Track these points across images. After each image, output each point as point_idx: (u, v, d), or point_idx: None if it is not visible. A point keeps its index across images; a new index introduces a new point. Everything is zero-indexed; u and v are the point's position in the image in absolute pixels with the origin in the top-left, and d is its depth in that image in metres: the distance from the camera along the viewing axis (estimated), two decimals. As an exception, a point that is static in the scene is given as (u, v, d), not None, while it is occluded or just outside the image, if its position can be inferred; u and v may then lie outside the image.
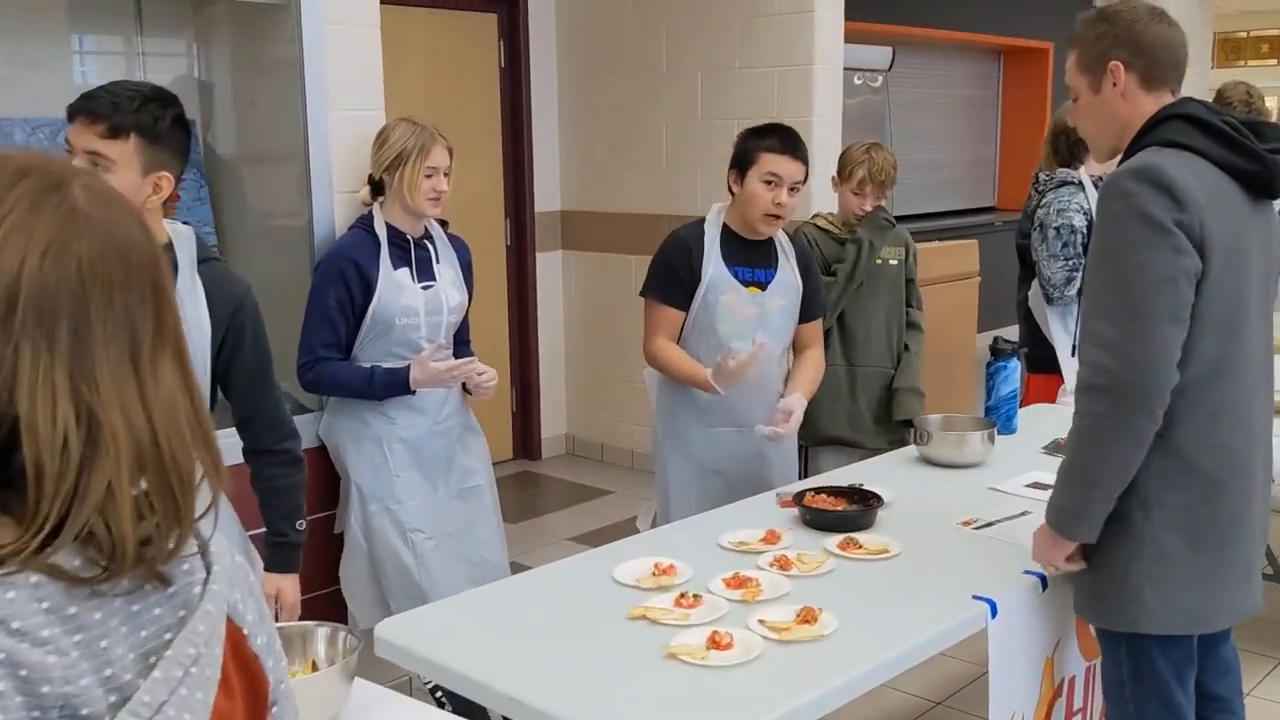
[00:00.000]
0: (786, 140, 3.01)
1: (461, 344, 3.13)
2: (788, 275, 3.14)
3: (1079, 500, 2.06)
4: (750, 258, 3.09)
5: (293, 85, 2.94)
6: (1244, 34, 13.18)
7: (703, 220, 3.12)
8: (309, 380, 2.85)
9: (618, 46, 5.64)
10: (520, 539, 4.92)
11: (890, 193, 3.68)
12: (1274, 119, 13.23)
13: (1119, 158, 2.11)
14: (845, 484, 2.73)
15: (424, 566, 2.91)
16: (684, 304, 3.05)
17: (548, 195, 5.94)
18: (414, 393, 2.86)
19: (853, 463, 3.41)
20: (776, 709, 1.75)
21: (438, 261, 2.96)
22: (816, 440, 3.65)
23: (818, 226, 3.64)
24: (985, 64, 7.86)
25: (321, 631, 1.76)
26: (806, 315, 3.21)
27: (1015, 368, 3.25)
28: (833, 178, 3.65)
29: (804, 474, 3.71)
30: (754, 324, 3.05)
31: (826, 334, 3.57)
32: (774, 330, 3.10)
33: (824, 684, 1.82)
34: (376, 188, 2.92)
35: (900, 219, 6.74)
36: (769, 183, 2.97)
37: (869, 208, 3.57)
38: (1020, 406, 4.00)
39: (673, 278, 3.04)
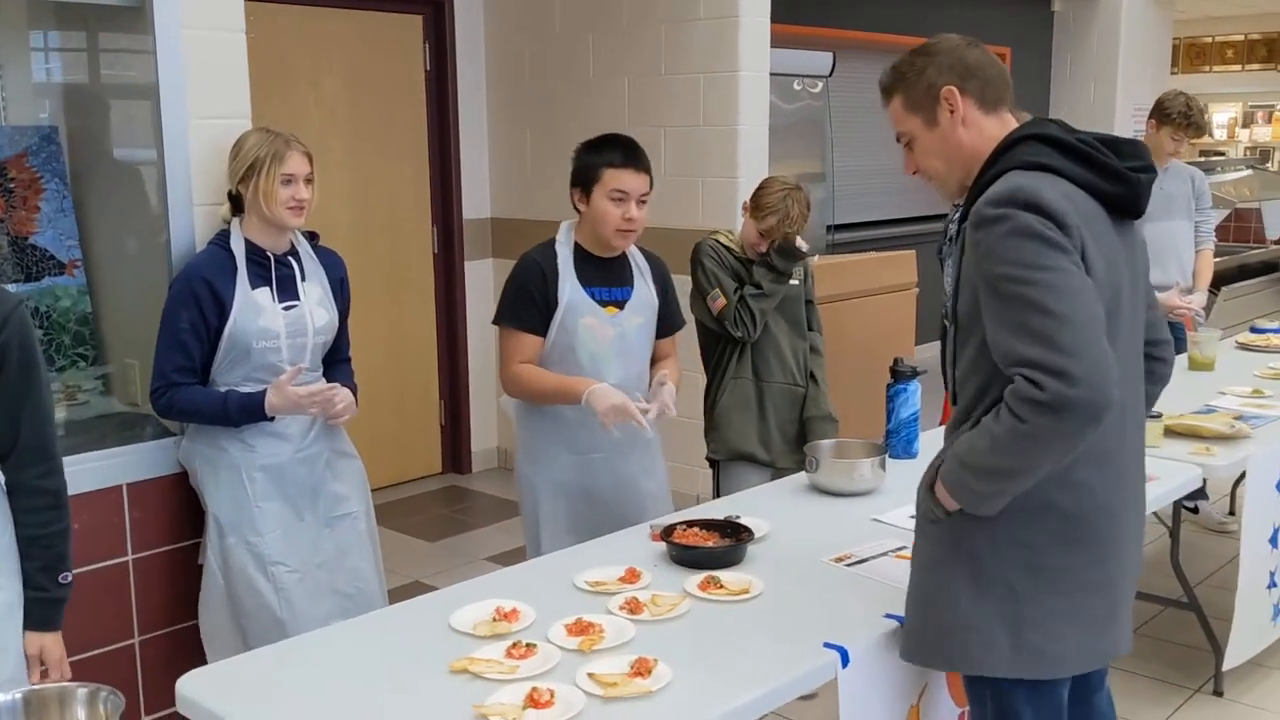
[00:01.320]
0: (628, 154, 2.88)
1: (341, 362, 2.99)
2: (644, 291, 3.02)
3: (996, 491, 1.86)
4: (606, 277, 2.96)
5: (150, 93, 2.80)
6: (1209, 39, 13.13)
7: (553, 240, 2.98)
8: (161, 406, 2.71)
9: (546, 50, 5.51)
10: (436, 559, 4.79)
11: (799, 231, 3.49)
12: (1220, 124, 13.17)
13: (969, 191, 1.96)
14: (720, 516, 2.60)
15: (286, 602, 2.77)
16: (541, 330, 2.91)
17: (476, 202, 5.80)
18: (272, 419, 2.72)
19: (764, 483, 3.30)
20: (581, 777, 1.62)
21: (303, 279, 2.82)
22: (728, 455, 3.53)
23: (719, 241, 3.50)
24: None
25: (81, 693, 1.63)
26: (665, 331, 3.12)
27: (915, 390, 3.13)
28: (745, 203, 3.49)
29: (717, 492, 3.60)
30: (614, 344, 2.93)
31: (739, 350, 3.46)
32: (633, 350, 2.98)
33: (638, 748, 1.69)
34: (237, 203, 2.78)
35: (841, 228, 6.67)
36: (616, 199, 2.85)
37: (764, 250, 3.43)
38: (942, 423, 3.89)
39: (529, 303, 2.91)
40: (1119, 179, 1.89)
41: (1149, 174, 1.93)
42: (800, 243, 3.37)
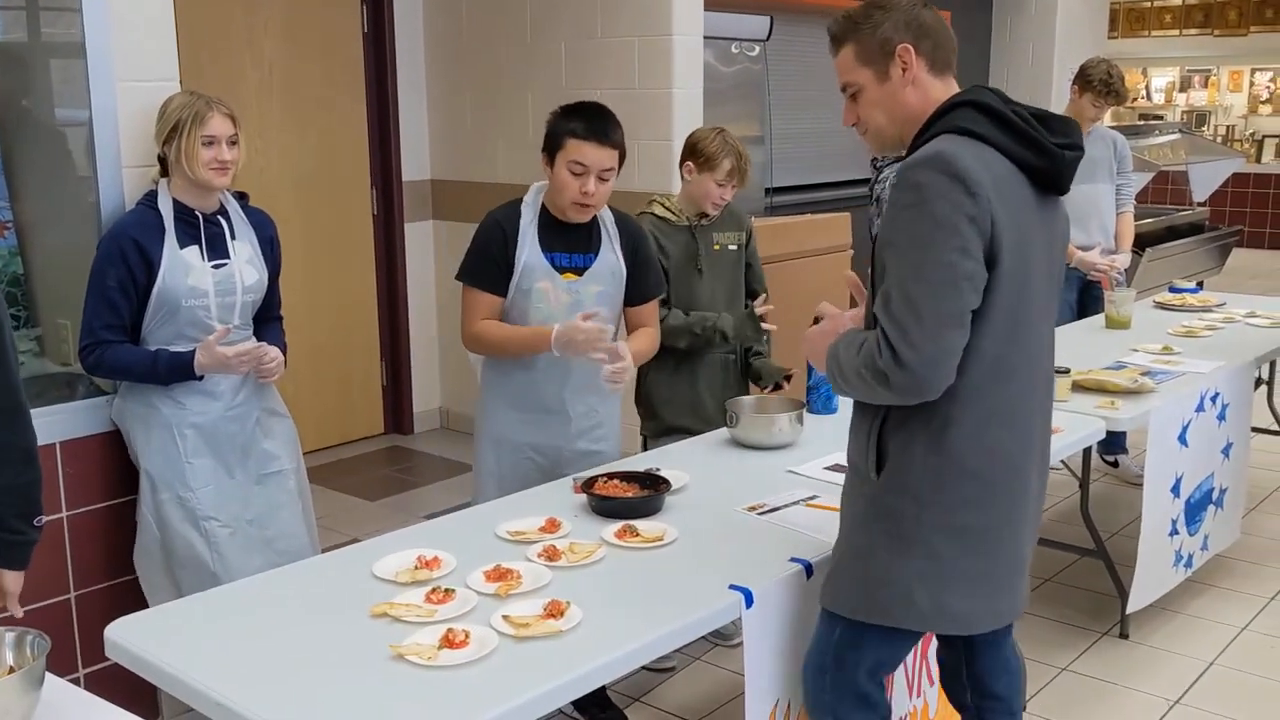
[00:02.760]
0: (594, 125, 2.83)
1: (272, 320, 3.05)
2: (610, 258, 3.00)
3: (841, 388, 2.05)
4: (569, 242, 2.96)
5: (78, 53, 2.82)
6: (1148, 3, 13.32)
7: (519, 200, 2.98)
8: (90, 363, 2.75)
9: (483, 13, 5.53)
10: (376, 518, 4.86)
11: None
12: (1159, 88, 13.32)
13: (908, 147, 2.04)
14: (641, 469, 2.69)
15: (218, 555, 2.84)
16: (501, 290, 2.93)
17: (416, 164, 5.83)
18: (201, 378, 2.77)
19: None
20: (490, 709, 1.71)
21: (233, 239, 2.86)
22: (659, 431, 3.48)
23: (655, 215, 3.45)
24: (881, 32, 7.83)
25: (9, 636, 1.68)
26: (637, 299, 3.09)
27: None
28: (685, 164, 3.43)
29: None
30: (568, 311, 2.92)
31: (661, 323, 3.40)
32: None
33: (545, 683, 1.79)
34: (165, 164, 2.81)
35: (779, 190, 6.75)
36: (576, 172, 2.83)
37: (728, 198, 3.39)
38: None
39: (488, 263, 2.93)
40: (1045, 154, 1.96)
41: (1075, 152, 2.01)
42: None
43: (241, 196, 2.95)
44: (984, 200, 1.87)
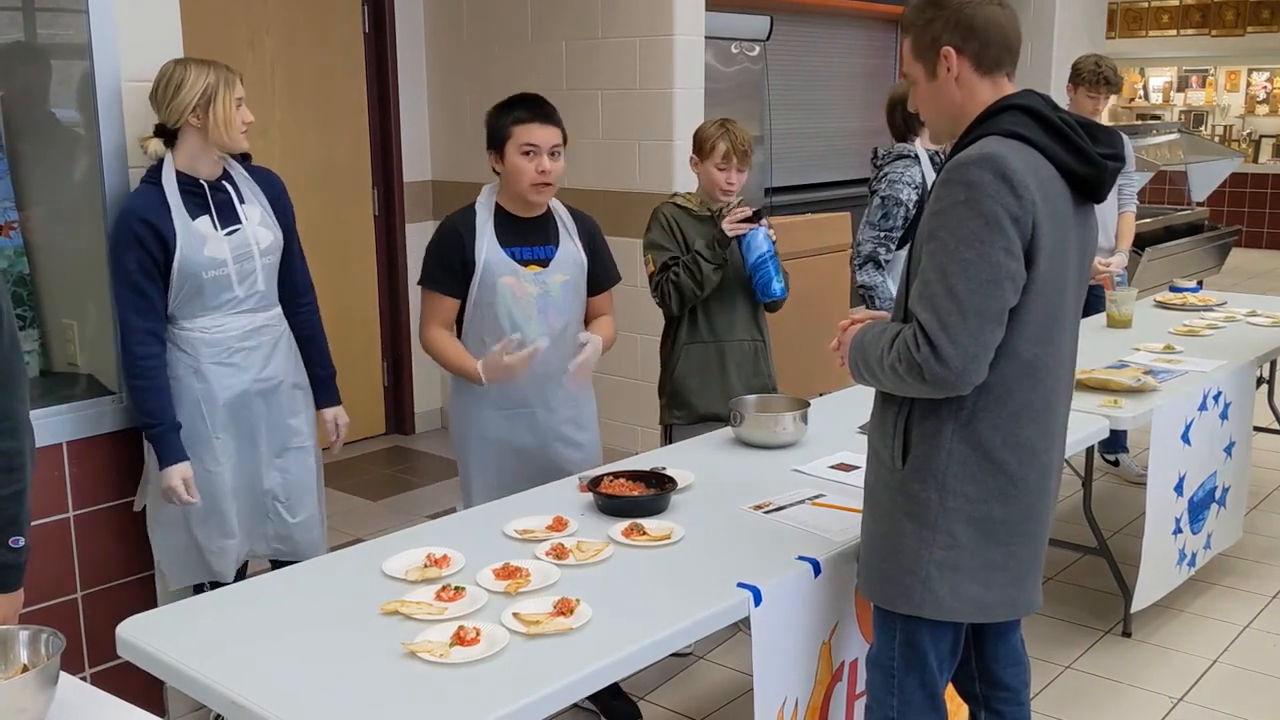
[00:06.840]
0: (533, 108, 2.98)
1: (303, 290, 3.04)
2: (570, 249, 3.09)
3: (866, 379, 2.11)
4: (527, 236, 3.04)
5: (84, 53, 2.83)
6: (1145, 4, 13.34)
7: (474, 204, 3.06)
8: (136, 371, 2.73)
9: (484, 13, 5.54)
10: (379, 517, 4.87)
11: (751, 165, 3.52)
12: (1156, 88, 13.28)
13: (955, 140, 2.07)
14: (647, 468, 2.70)
15: (240, 519, 2.88)
16: (459, 292, 3.01)
17: (417, 165, 5.83)
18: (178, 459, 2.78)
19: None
20: (504, 706, 1.72)
21: (241, 202, 2.83)
22: (693, 419, 3.49)
23: (676, 205, 3.51)
24: (880, 33, 7.83)
25: (23, 635, 1.68)
26: (597, 287, 3.18)
27: (760, 231, 3.33)
28: (691, 157, 3.52)
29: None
30: (537, 302, 3.01)
31: (692, 314, 3.46)
32: (556, 306, 3.05)
33: (558, 680, 1.79)
34: (169, 138, 2.76)
35: (778, 190, 6.75)
36: (527, 153, 2.94)
37: (734, 181, 3.42)
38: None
39: (446, 265, 3.00)
40: (1089, 162, 2.00)
41: (1117, 163, 2.04)
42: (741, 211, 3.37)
43: (244, 157, 2.93)
44: (1028, 203, 1.91)
